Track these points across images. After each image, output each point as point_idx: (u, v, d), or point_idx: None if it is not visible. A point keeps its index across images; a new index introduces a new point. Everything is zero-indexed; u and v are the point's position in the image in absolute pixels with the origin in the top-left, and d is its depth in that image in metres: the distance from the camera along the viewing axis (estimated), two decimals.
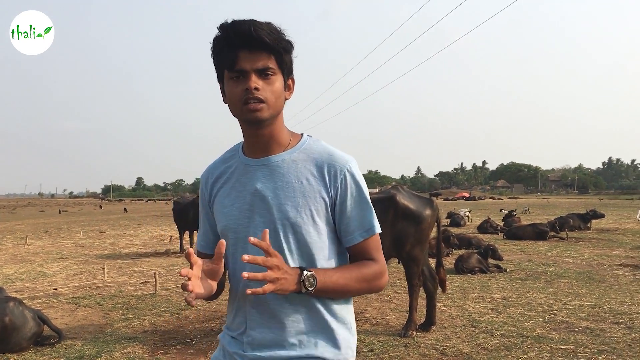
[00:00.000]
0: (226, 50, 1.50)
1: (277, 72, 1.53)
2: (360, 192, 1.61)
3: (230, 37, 1.48)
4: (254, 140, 1.61)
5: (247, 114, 1.51)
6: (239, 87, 1.50)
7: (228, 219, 1.61)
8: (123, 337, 5.73)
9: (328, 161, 1.59)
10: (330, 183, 1.57)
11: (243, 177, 1.62)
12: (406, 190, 5.89)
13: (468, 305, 6.97)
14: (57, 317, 6.59)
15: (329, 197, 1.57)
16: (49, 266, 11.39)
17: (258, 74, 1.49)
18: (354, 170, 1.61)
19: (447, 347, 5.20)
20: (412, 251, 5.63)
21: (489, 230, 18.21)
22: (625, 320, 6.07)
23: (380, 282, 1.63)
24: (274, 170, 1.59)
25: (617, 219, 24.26)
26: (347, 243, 1.62)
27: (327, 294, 1.55)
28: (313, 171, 1.58)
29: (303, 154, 1.61)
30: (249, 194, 1.59)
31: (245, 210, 1.59)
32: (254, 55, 1.48)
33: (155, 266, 10.96)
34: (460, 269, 9.55)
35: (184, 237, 13.90)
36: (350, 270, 1.58)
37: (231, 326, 1.67)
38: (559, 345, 5.19)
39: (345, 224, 1.60)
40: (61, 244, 16.68)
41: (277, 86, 1.53)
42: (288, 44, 1.54)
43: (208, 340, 5.58)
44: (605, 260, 11.03)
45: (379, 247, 1.66)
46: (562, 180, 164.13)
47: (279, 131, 1.61)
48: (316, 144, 1.64)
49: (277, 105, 1.55)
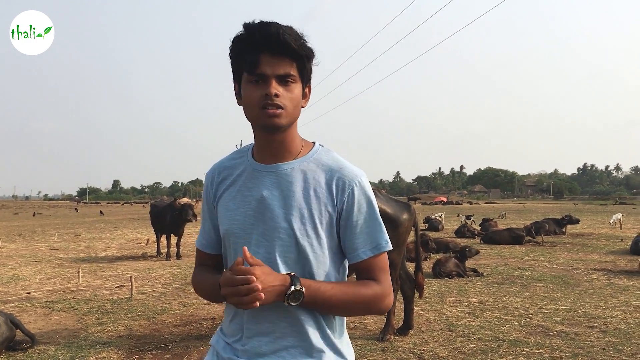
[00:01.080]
0: (247, 52, 1.46)
1: (297, 80, 1.50)
2: (369, 207, 1.57)
3: (255, 38, 1.44)
4: (266, 146, 1.57)
5: (265, 120, 1.47)
6: (258, 91, 1.46)
7: (231, 223, 1.58)
8: (98, 341, 5.65)
9: (337, 173, 1.55)
10: (338, 196, 1.53)
11: (250, 182, 1.58)
12: (384, 195, 5.91)
13: (445, 309, 7.01)
14: (30, 321, 6.46)
15: (335, 210, 1.54)
16: (23, 270, 11.18)
17: (279, 79, 1.46)
18: (363, 184, 1.57)
19: (425, 351, 5.22)
20: (389, 255, 5.63)
21: (466, 235, 18.37)
22: (600, 324, 6.16)
23: (381, 305, 1.58)
24: (282, 178, 1.55)
25: (591, 224, 24.63)
26: (351, 260, 1.59)
27: (316, 309, 1.52)
28: (321, 183, 1.54)
29: (313, 164, 1.57)
30: (255, 200, 1.55)
31: (249, 216, 1.55)
32: (277, 60, 1.45)
33: (131, 270, 10.81)
34: (438, 273, 9.60)
35: (160, 241, 13.75)
36: (348, 288, 1.53)
37: (227, 331, 1.64)
38: (534, 349, 5.24)
39: (349, 240, 1.56)
40: (35, 247, 16.39)
41: (296, 94, 1.50)
42: (311, 52, 1.51)
43: (184, 345, 5.52)
44: (580, 264, 11.19)
45: (385, 267, 1.61)
46: (538, 185, 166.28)
47: (292, 139, 1.58)
48: (327, 155, 1.60)
49: (295, 113, 1.52)
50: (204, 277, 1.65)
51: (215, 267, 1.71)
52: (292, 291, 1.42)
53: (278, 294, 1.42)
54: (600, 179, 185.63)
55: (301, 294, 1.44)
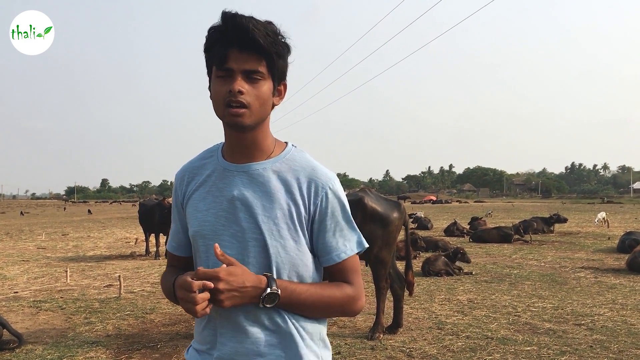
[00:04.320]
0: (217, 46, 1.43)
1: (267, 77, 1.46)
2: (342, 210, 1.56)
3: (227, 29, 1.41)
4: (236, 144, 1.54)
5: (229, 118, 1.44)
6: (225, 87, 1.42)
7: (201, 224, 1.53)
8: (86, 341, 5.62)
9: (310, 176, 1.52)
10: (310, 199, 1.50)
11: (220, 182, 1.54)
12: (374, 193, 5.92)
13: (434, 308, 7.04)
14: (18, 321, 6.41)
15: (308, 213, 1.51)
16: (10, 269, 11.09)
17: (245, 75, 1.43)
18: (336, 188, 1.54)
19: (414, 349, 5.24)
20: (379, 253, 5.66)
21: (455, 233, 18.46)
22: (587, 321, 6.21)
23: (353, 307, 1.56)
24: (254, 178, 1.51)
25: (579, 223, 24.84)
26: (324, 263, 1.56)
27: (291, 310, 1.49)
28: (293, 184, 1.51)
29: (285, 165, 1.53)
30: (226, 201, 1.51)
31: (221, 217, 1.51)
32: (245, 55, 1.42)
33: (119, 269, 10.77)
34: (427, 271, 9.65)
35: (149, 240, 13.71)
36: (323, 290, 1.51)
37: (199, 338, 1.59)
38: (522, 347, 5.27)
39: (322, 243, 1.53)
40: (22, 246, 16.27)
41: (263, 91, 1.46)
42: (283, 49, 1.47)
43: (173, 344, 5.50)
44: (568, 263, 11.28)
45: (357, 269, 1.59)
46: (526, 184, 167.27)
47: (263, 138, 1.54)
48: (300, 156, 1.57)
49: (262, 111, 1.47)
50: (168, 278, 1.59)
51: (184, 269, 1.63)
52: (267, 293, 1.40)
53: (252, 295, 1.39)
54: (588, 178, 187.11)
55: (277, 295, 1.42)
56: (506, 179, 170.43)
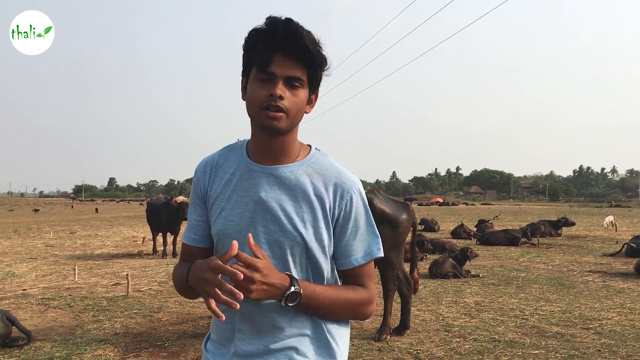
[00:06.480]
0: (261, 48, 1.43)
1: (305, 85, 1.47)
2: (366, 215, 1.58)
3: (276, 35, 1.41)
4: (264, 147, 1.54)
5: (265, 121, 1.44)
6: (264, 90, 1.43)
7: (226, 223, 1.54)
8: (94, 339, 5.64)
9: (335, 179, 1.54)
10: (336, 203, 1.52)
11: (246, 182, 1.55)
12: (383, 195, 5.92)
13: (442, 310, 7.02)
14: (26, 318, 6.45)
15: (332, 215, 1.53)
16: (18, 266, 11.15)
17: (286, 82, 1.43)
18: (361, 192, 1.57)
19: (421, 351, 5.23)
20: (387, 255, 5.65)
21: (462, 236, 18.40)
22: (595, 325, 6.18)
23: (366, 310, 1.58)
24: (280, 181, 1.53)
25: (587, 226, 24.70)
26: (341, 266, 1.58)
27: (309, 311, 1.51)
28: (320, 187, 1.52)
29: (311, 168, 1.55)
30: (252, 202, 1.52)
31: (246, 218, 1.52)
32: (290, 61, 1.42)
33: (127, 267, 10.80)
34: (434, 273, 9.62)
35: (156, 239, 13.75)
36: (340, 292, 1.53)
37: (217, 334, 1.61)
38: (530, 350, 5.26)
39: (342, 247, 1.55)
40: (31, 244, 16.34)
41: (301, 98, 1.47)
42: (324, 60, 1.49)
43: (181, 343, 5.52)
44: (576, 266, 11.23)
45: (372, 274, 1.61)
46: (533, 187, 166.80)
47: (291, 142, 1.55)
48: (324, 159, 1.59)
49: (297, 117, 1.49)
50: (183, 267, 1.56)
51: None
52: (291, 292, 1.41)
53: (277, 293, 1.41)
54: (595, 182, 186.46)
55: (299, 295, 1.43)
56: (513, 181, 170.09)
